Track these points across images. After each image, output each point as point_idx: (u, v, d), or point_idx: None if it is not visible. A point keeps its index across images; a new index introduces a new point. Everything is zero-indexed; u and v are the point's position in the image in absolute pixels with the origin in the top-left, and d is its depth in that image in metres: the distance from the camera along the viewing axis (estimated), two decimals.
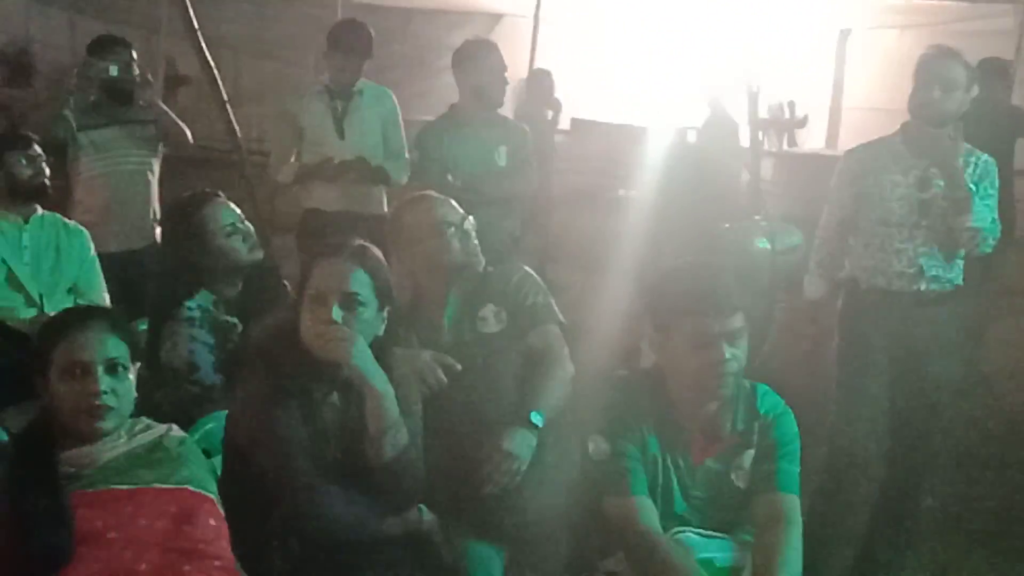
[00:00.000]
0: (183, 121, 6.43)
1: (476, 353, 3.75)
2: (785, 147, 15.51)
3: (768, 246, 5.74)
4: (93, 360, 2.90)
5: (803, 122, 16.36)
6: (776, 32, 14.54)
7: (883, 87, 15.77)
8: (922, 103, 4.52)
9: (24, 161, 5.07)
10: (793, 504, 3.03)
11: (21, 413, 3.58)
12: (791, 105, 16.28)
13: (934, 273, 4.61)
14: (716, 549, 2.99)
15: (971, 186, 4.48)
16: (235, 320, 4.20)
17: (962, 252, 4.63)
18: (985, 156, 4.66)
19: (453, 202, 4.12)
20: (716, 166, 6.42)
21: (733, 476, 3.09)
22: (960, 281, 4.71)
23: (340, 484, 3.17)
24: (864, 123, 15.95)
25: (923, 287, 4.61)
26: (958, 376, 4.84)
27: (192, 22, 8.34)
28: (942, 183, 4.49)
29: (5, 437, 3.50)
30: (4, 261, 4.95)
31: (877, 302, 4.68)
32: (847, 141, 15.87)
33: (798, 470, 3.08)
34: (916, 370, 4.69)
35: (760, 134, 12.79)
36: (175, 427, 3.08)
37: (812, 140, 16.30)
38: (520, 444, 3.47)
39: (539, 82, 11.21)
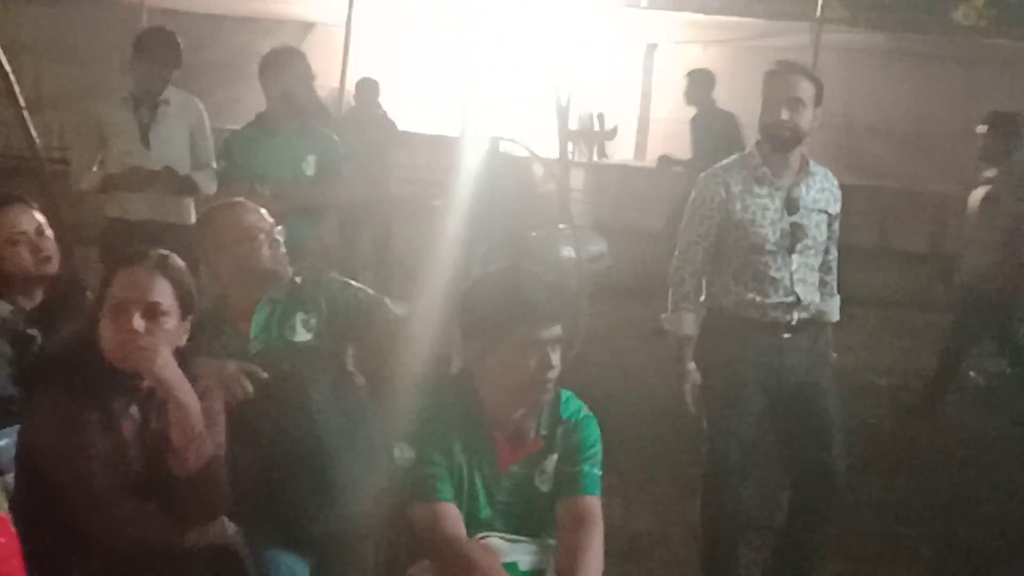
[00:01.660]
0: None
1: (284, 362, 3.68)
2: (595, 158, 15.71)
3: (574, 254, 5.79)
4: None
5: (612, 133, 16.59)
6: (585, 46, 14.76)
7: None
8: (772, 122, 4.30)
9: None
10: (595, 505, 3.07)
11: None
12: (600, 117, 16.49)
13: (809, 300, 4.42)
14: (521, 552, 3.02)
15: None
16: (35, 332, 4.08)
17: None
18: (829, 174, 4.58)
19: (263, 210, 4.08)
20: (519, 175, 6.46)
21: (537, 481, 3.11)
22: (836, 314, 4.64)
23: (141, 497, 3.12)
24: (671, 134, 16.31)
25: (799, 317, 4.42)
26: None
27: None
28: (809, 204, 4.37)
29: None
30: None
31: (748, 334, 4.44)
32: (655, 151, 16.25)
33: (600, 473, 3.12)
34: (801, 402, 4.49)
35: (569, 145, 12.98)
36: None
37: (622, 151, 16.57)
38: None
39: (366, 91, 11.21)
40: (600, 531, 3.04)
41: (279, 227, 4.05)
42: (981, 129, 7.57)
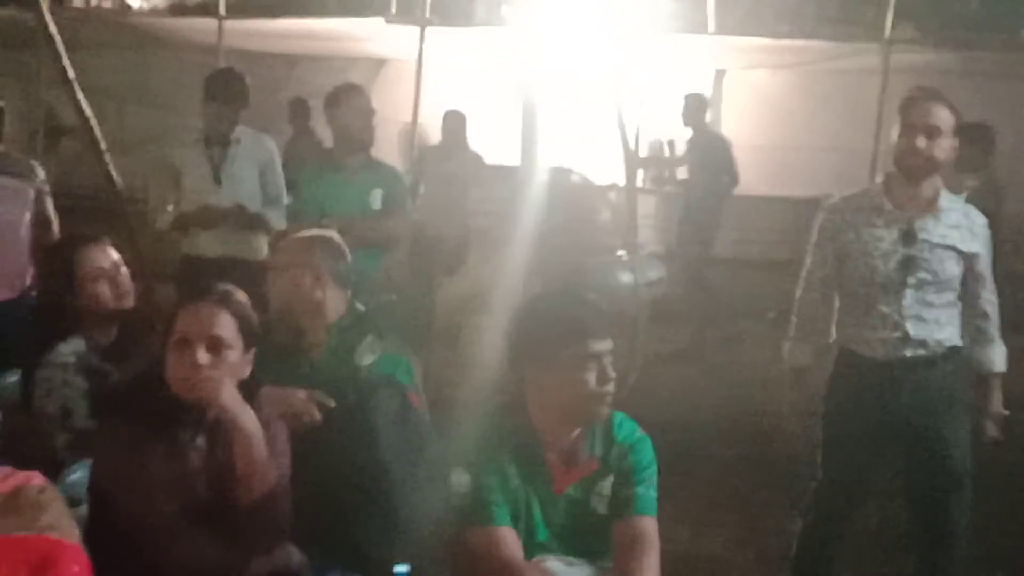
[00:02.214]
0: (66, 170, 6.40)
1: (351, 390, 3.71)
2: (664, 186, 15.70)
3: (631, 280, 5.81)
4: None
5: (682, 160, 16.55)
6: (654, 72, 14.77)
7: (758, 124, 16.11)
8: (907, 151, 4.08)
9: None
10: (651, 527, 3.07)
11: None
12: (671, 144, 16.48)
13: (922, 337, 4.15)
14: (578, 575, 3.02)
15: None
16: (109, 367, 4.14)
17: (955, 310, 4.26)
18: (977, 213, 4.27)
19: (337, 240, 4.16)
20: (579, 204, 6.51)
21: (593, 503, 3.11)
22: (957, 340, 4.25)
23: (207, 526, 3.15)
24: (741, 160, 16.26)
25: (909, 353, 4.16)
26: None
27: (67, 72, 8.25)
28: (934, 239, 4.12)
29: None
30: None
31: (861, 370, 4.27)
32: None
33: (655, 494, 3.12)
34: (923, 441, 4.22)
35: (639, 172, 12.97)
36: (36, 475, 3.02)
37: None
38: None
39: (452, 124, 11.13)
40: (656, 553, 3.04)
41: (349, 257, 4.14)
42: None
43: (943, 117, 4.07)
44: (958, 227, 4.16)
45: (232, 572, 3.15)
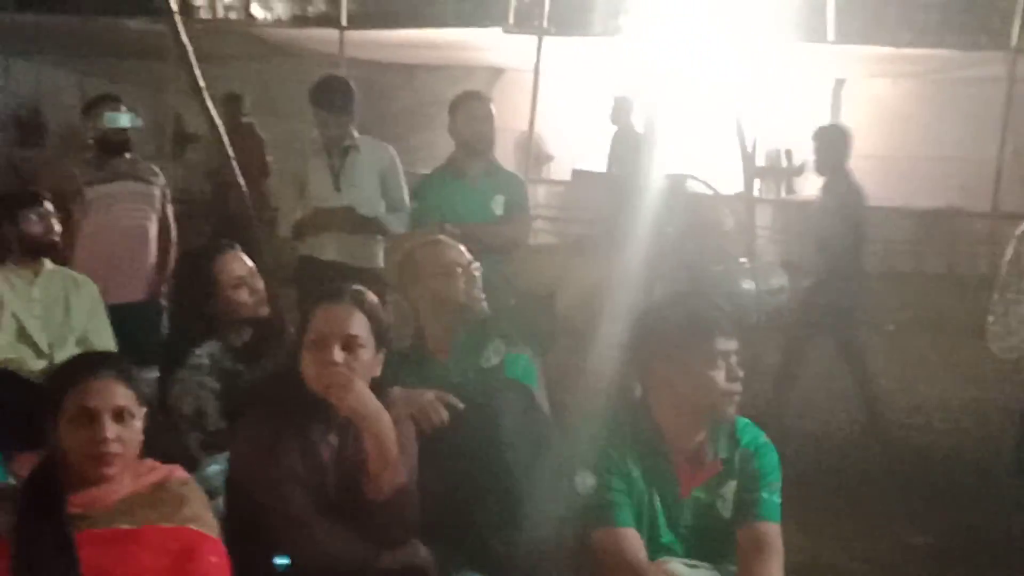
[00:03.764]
0: (193, 176, 6.51)
1: (479, 392, 3.76)
2: (783, 194, 15.60)
3: (753, 287, 5.79)
4: (101, 408, 2.92)
5: (800, 170, 16.45)
6: (773, 81, 14.67)
7: (878, 134, 15.89)
8: None
9: (35, 218, 5.13)
10: (774, 532, 3.06)
11: (28, 462, 3.61)
12: (788, 153, 16.38)
13: None
14: None
15: None
16: (242, 368, 4.24)
17: None
18: None
19: (462, 247, 4.22)
20: (700, 212, 6.51)
21: (718, 506, 3.11)
22: None
23: (338, 520, 3.22)
24: (860, 170, 16.05)
25: None
26: None
27: (197, 81, 8.46)
28: None
29: (12, 481, 3.57)
30: (15, 315, 5.00)
31: None
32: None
33: (779, 501, 3.12)
34: None
35: (756, 181, 12.92)
36: (179, 468, 3.12)
37: (810, 187, 16.42)
38: None
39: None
40: (780, 558, 3.03)
41: (476, 263, 4.20)
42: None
43: None
44: None
45: (361, 565, 3.20)
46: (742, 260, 5.93)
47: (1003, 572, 5.22)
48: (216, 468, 3.54)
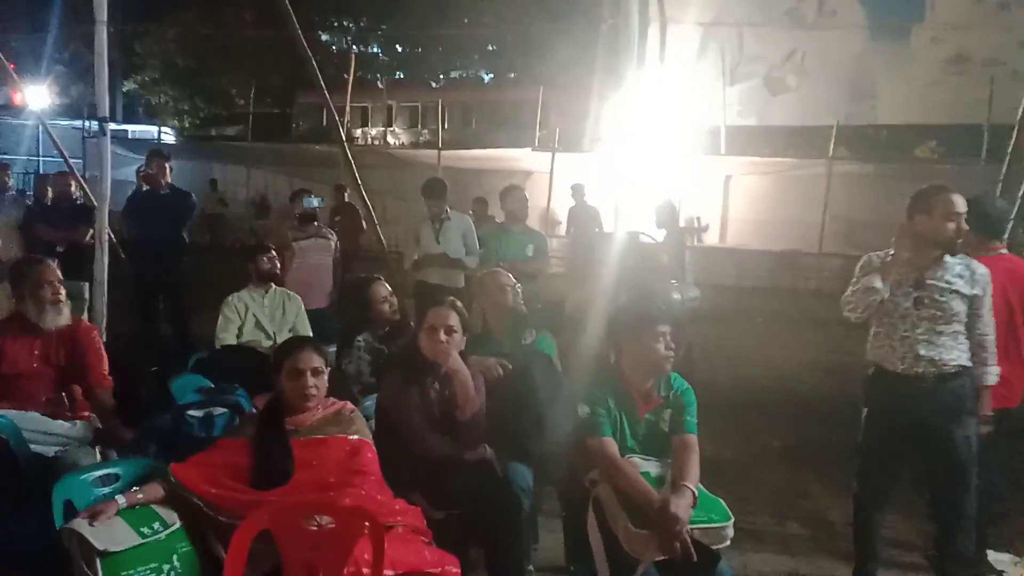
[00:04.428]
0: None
1: (519, 359, 3.75)
2: (696, 242, 15.56)
3: (679, 296, 5.77)
4: (305, 367, 2.95)
5: (706, 228, 16.44)
6: (690, 176, 14.68)
7: (750, 207, 15.88)
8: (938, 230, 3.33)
9: (266, 260, 5.13)
10: (694, 440, 3.02)
11: (263, 399, 3.65)
12: (699, 219, 16.34)
13: (931, 356, 3.37)
14: (651, 466, 2.98)
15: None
16: (383, 347, 4.24)
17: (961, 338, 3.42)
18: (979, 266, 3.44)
19: (510, 274, 4.22)
20: (649, 253, 6.49)
21: (660, 424, 3.09)
22: (964, 361, 3.40)
23: (441, 432, 3.24)
24: (741, 228, 16.05)
25: (920, 370, 3.38)
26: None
27: (357, 180, 8.52)
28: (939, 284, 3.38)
29: (253, 410, 3.60)
30: (254, 315, 4.99)
31: (889, 383, 3.47)
32: (732, 240, 15.98)
33: (696, 420, 3.08)
34: (936, 439, 3.41)
35: (682, 236, 12.88)
36: (348, 403, 3.13)
37: (710, 238, 16.41)
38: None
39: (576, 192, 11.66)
40: (697, 455, 2.99)
41: (518, 284, 4.22)
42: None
43: (961, 204, 3.36)
44: (961, 276, 3.41)
45: (453, 457, 3.21)
46: (673, 281, 5.94)
47: (823, 463, 5.17)
48: (369, 403, 3.54)
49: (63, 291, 3.70)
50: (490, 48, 30.32)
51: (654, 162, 11.59)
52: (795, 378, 7.68)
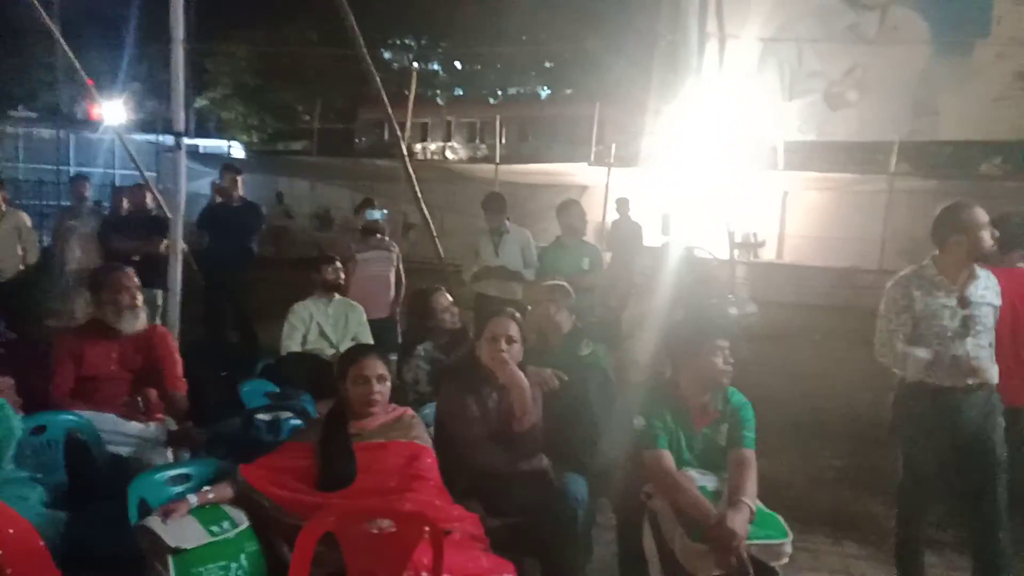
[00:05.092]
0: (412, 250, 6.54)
1: (575, 371, 3.71)
2: (751, 259, 15.35)
3: (736, 311, 5.70)
4: (371, 375, 3.01)
5: (762, 244, 16.21)
6: (748, 192, 14.51)
7: (809, 223, 15.61)
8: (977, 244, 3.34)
9: (330, 270, 5.21)
10: (751, 456, 2.99)
11: (326, 404, 3.71)
12: (755, 235, 16.13)
13: (977, 368, 3.36)
14: (707, 480, 2.97)
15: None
16: (442, 357, 4.28)
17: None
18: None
19: (566, 285, 4.22)
20: (704, 268, 6.42)
21: (717, 438, 3.07)
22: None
23: (497, 442, 3.24)
24: (795, 245, 15.78)
25: (970, 382, 3.37)
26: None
27: (417, 193, 8.61)
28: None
29: (317, 415, 3.67)
30: (318, 323, 5.07)
31: (932, 396, 3.41)
32: (789, 256, 15.73)
33: (754, 436, 3.05)
34: (974, 443, 3.43)
35: (735, 252, 12.72)
36: (409, 409, 3.17)
37: (767, 254, 16.17)
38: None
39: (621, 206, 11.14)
40: (754, 471, 2.96)
41: (572, 295, 4.21)
42: None
43: (983, 216, 3.39)
44: (988, 288, 3.46)
45: (509, 468, 3.21)
46: (729, 296, 5.86)
47: (882, 483, 5.03)
48: (427, 411, 3.57)
49: (140, 297, 3.84)
50: (547, 65, 30.45)
51: (710, 177, 11.47)
52: (853, 396, 7.49)
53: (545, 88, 31.53)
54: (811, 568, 4.00)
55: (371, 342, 4.98)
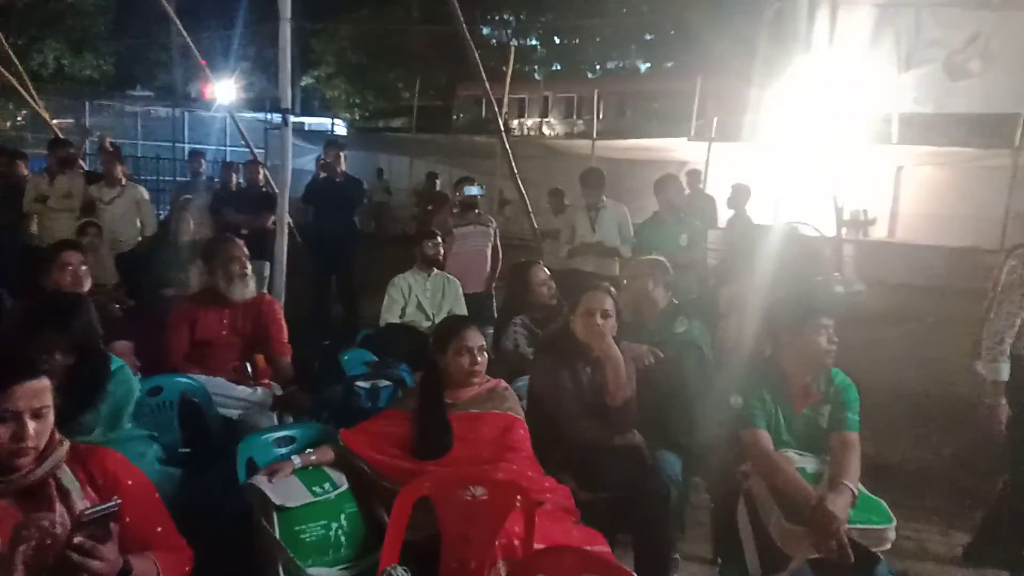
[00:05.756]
0: (509, 224, 6.58)
1: (671, 347, 3.71)
2: (862, 236, 14.74)
3: (842, 290, 5.50)
4: (473, 346, 3.04)
5: (872, 221, 15.55)
6: (859, 166, 13.92)
7: (924, 200, 14.87)
8: None
9: (431, 245, 5.29)
10: (855, 439, 2.89)
11: (418, 374, 3.75)
12: (865, 212, 15.50)
13: None
14: (807, 462, 2.89)
15: None
16: (538, 330, 4.29)
17: None
18: None
19: (665, 261, 4.17)
20: (810, 245, 6.21)
21: (819, 420, 2.98)
22: None
23: (591, 416, 3.23)
24: (909, 224, 15.05)
25: None
26: None
27: (514, 169, 8.66)
28: None
29: (412, 384, 3.74)
30: (416, 296, 5.16)
31: None
32: (901, 235, 15.03)
33: (858, 419, 2.94)
34: None
35: (843, 229, 12.24)
36: (503, 381, 3.20)
37: (877, 232, 15.52)
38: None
39: (738, 194, 9.08)
40: (858, 454, 2.86)
41: (671, 271, 4.16)
42: None
43: None
44: None
45: (603, 442, 3.21)
46: (836, 274, 5.63)
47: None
48: (521, 383, 3.60)
49: (249, 266, 4.00)
50: (647, 38, 29.87)
51: (818, 152, 11.03)
52: (967, 383, 7.12)
53: (645, 62, 30.98)
54: (916, 557, 3.86)
55: (466, 315, 5.03)
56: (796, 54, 9.48)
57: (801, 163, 10.03)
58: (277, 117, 5.81)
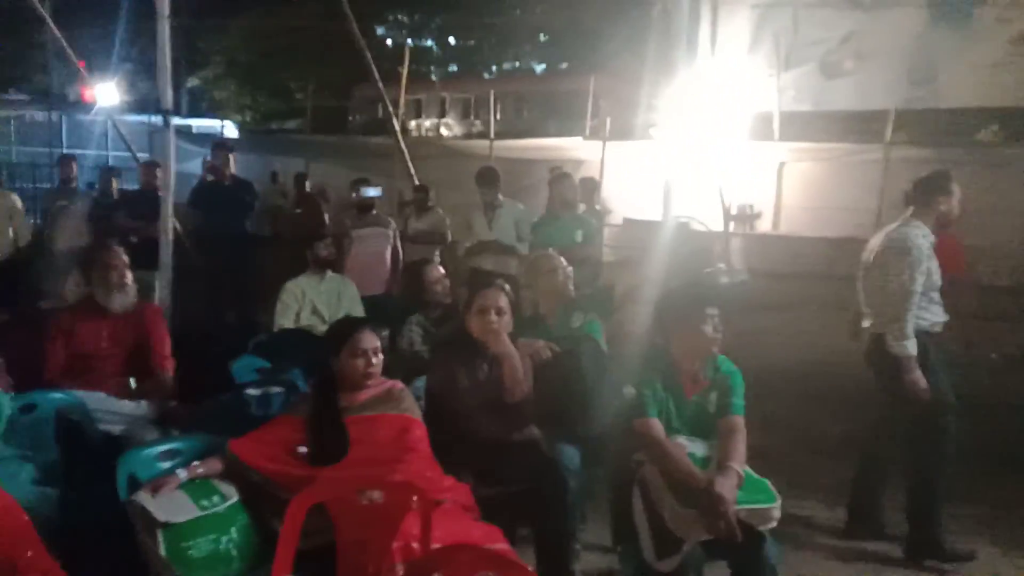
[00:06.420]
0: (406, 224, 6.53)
1: (568, 342, 3.73)
2: (748, 230, 15.27)
3: (728, 280, 5.69)
4: (368, 348, 3.00)
5: (758, 215, 16.15)
6: (744, 163, 14.43)
7: (805, 194, 15.53)
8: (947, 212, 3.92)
9: (323, 247, 5.19)
10: (741, 423, 2.98)
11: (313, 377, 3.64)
12: (751, 206, 16.07)
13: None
14: (696, 447, 2.96)
15: None
16: (434, 329, 4.29)
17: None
18: None
19: (562, 258, 4.22)
20: (699, 240, 6.39)
21: (707, 406, 3.06)
22: None
23: (489, 412, 3.25)
24: (794, 216, 15.72)
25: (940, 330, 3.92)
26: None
27: (410, 171, 8.59)
28: None
29: (305, 389, 3.66)
30: (311, 300, 5.05)
31: (926, 342, 3.90)
32: (785, 227, 15.67)
33: (743, 403, 3.03)
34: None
35: (731, 224, 12.69)
36: (399, 382, 3.16)
37: (763, 225, 16.12)
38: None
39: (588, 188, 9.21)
40: (743, 436, 2.95)
41: (570, 268, 4.22)
42: None
43: (955, 187, 3.97)
44: None
45: (502, 438, 3.23)
46: (721, 266, 5.84)
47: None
48: (419, 384, 3.58)
49: (129, 275, 3.83)
50: (542, 38, 30.20)
51: (704, 149, 11.39)
52: (852, 365, 7.49)
53: (540, 63, 31.32)
54: (803, 534, 4.03)
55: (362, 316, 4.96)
56: (679, 53, 9.75)
57: (688, 160, 10.31)
58: (159, 118, 5.58)
